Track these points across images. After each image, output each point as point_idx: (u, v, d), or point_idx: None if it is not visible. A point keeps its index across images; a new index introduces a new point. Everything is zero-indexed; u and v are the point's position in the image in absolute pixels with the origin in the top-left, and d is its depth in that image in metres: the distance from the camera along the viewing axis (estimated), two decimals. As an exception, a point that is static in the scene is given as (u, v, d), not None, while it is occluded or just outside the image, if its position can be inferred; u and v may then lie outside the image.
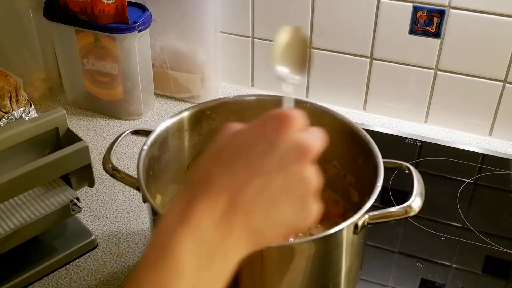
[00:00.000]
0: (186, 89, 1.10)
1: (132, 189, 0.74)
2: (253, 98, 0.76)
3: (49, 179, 0.75)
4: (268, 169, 0.44)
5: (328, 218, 0.73)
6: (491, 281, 0.76)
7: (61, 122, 0.76)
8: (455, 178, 0.92)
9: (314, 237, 0.59)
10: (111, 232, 0.82)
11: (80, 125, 1.05)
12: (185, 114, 0.73)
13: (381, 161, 0.64)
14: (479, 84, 0.99)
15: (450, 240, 0.81)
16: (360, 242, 0.64)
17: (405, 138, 1.01)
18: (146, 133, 0.70)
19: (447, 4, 0.94)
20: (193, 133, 0.75)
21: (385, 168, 0.64)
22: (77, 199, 0.75)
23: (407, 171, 0.66)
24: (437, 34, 0.96)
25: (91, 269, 0.77)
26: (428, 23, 0.96)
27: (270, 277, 0.60)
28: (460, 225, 0.84)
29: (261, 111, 0.76)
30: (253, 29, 1.08)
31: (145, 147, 0.67)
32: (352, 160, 0.72)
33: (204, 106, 0.75)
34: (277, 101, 0.76)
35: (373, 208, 0.60)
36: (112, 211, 0.86)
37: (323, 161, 0.76)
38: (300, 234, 0.70)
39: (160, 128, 0.70)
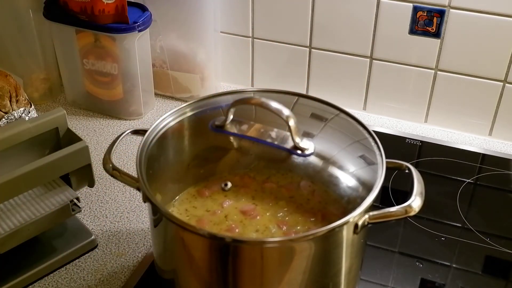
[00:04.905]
0: (186, 89, 1.10)
1: (132, 189, 0.74)
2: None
3: (49, 179, 0.75)
4: None
5: (328, 218, 0.73)
6: (491, 281, 0.76)
7: (61, 122, 0.76)
8: (455, 178, 0.92)
9: (314, 236, 0.59)
10: (111, 232, 0.82)
11: (80, 125, 1.05)
12: (185, 112, 0.73)
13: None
14: (479, 84, 0.99)
15: (450, 240, 0.81)
16: (360, 242, 0.64)
17: (405, 138, 1.01)
18: (146, 133, 0.70)
19: (447, 4, 0.94)
20: (193, 132, 0.75)
21: (385, 168, 0.64)
22: (77, 199, 0.75)
23: (407, 171, 0.66)
24: (437, 34, 0.96)
25: (91, 269, 0.77)
26: (428, 23, 0.96)
27: (270, 277, 0.60)
28: (460, 225, 0.84)
29: (261, 109, 0.76)
30: (253, 29, 1.08)
31: (145, 147, 0.67)
32: (352, 160, 0.72)
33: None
34: (276, 97, 0.76)
35: (373, 208, 0.60)
36: (112, 211, 0.86)
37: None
38: (300, 233, 0.70)
39: (159, 126, 0.70)
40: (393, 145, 0.99)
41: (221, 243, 0.59)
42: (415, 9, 0.96)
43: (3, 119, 0.83)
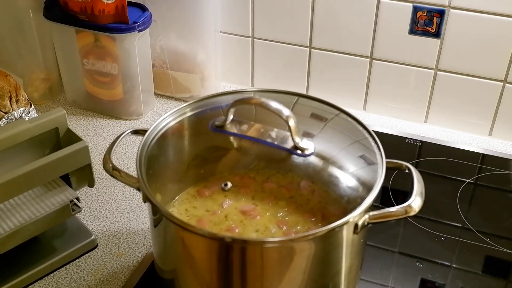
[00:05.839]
0: (186, 89, 1.10)
1: (132, 189, 0.74)
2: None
3: (49, 179, 0.75)
4: None
5: (328, 218, 0.73)
6: (491, 281, 0.76)
7: (61, 122, 0.76)
8: (455, 178, 0.92)
9: (314, 236, 0.59)
10: (111, 232, 0.82)
11: (80, 125, 1.05)
12: (185, 112, 0.73)
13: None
14: (479, 84, 0.99)
15: (450, 240, 0.81)
16: (360, 242, 0.64)
17: (405, 138, 1.01)
18: (146, 133, 0.70)
19: (447, 4, 0.94)
20: (193, 132, 0.75)
21: (385, 168, 0.64)
22: (77, 199, 0.75)
23: (407, 171, 0.66)
24: (437, 34, 0.96)
25: (91, 269, 0.77)
26: (428, 23, 0.96)
27: (270, 277, 0.60)
28: (460, 225, 0.84)
29: (261, 109, 0.76)
30: (253, 29, 1.08)
31: (145, 147, 0.67)
32: (352, 160, 0.72)
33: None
34: (276, 97, 0.76)
35: (373, 208, 0.60)
36: (112, 211, 0.86)
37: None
38: (300, 233, 0.70)
39: (159, 126, 0.70)
40: (393, 145, 0.99)
41: (221, 243, 0.59)
42: (415, 9, 0.96)
43: (3, 119, 0.83)
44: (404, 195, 0.88)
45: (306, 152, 0.70)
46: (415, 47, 0.99)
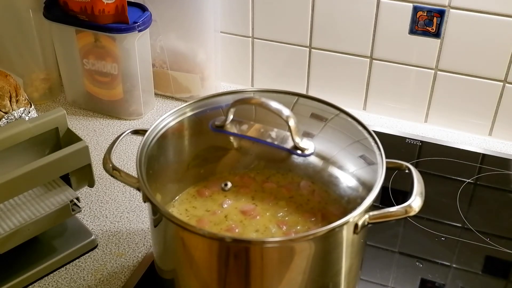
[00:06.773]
0: (186, 89, 1.10)
1: (132, 189, 0.74)
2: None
3: (49, 179, 0.75)
4: None
5: (328, 218, 0.73)
6: (491, 281, 0.76)
7: (61, 122, 0.76)
8: (455, 178, 0.92)
9: (314, 236, 0.59)
10: (111, 232, 0.82)
11: (80, 125, 1.05)
12: (185, 112, 0.73)
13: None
14: (479, 84, 0.99)
15: (450, 240, 0.81)
16: (360, 242, 0.64)
17: (405, 138, 1.01)
18: (146, 133, 0.70)
19: (447, 4, 0.94)
20: (193, 132, 0.75)
21: (385, 168, 0.64)
22: (77, 199, 0.76)
23: (407, 171, 0.66)
24: (437, 34, 0.97)
25: (91, 269, 0.77)
26: (428, 23, 0.96)
27: (270, 277, 0.60)
28: (460, 225, 0.84)
29: (261, 109, 0.76)
30: (253, 29, 1.08)
31: (145, 147, 0.67)
32: (352, 160, 0.72)
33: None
34: (276, 97, 0.76)
35: (373, 208, 0.60)
36: (112, 211, 0.86)
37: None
38: (300, 233, 0.70)
39: (159, 126, 0.70)
40: (393, 145, 0.99)
41: (221, 243, 0.59)
42: (415, 9, 0.96)
43: (3, 119, 0.83)
44: (404, 195, 0.88)
45: (306, 152, 0.70)
46: (415, 47, 0.99)
